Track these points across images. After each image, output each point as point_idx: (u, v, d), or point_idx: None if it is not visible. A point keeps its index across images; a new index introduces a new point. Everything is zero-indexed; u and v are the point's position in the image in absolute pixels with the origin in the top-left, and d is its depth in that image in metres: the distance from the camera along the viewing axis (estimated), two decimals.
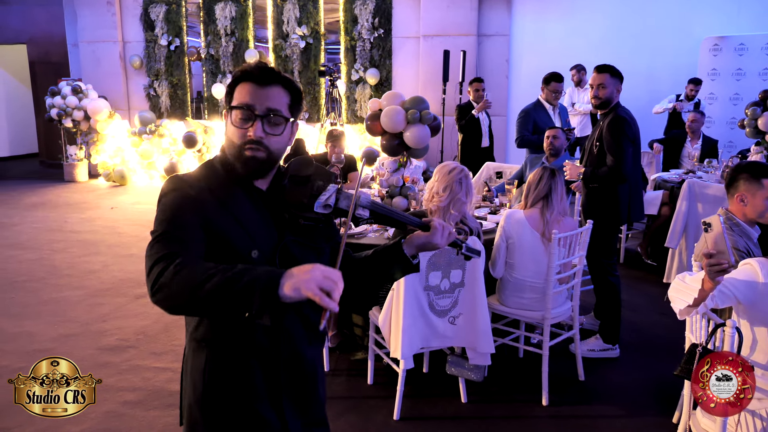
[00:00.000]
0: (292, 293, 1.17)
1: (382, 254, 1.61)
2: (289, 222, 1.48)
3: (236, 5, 9.44)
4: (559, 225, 3.18)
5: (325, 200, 1.44)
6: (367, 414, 3.15)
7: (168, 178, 1.48)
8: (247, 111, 1.43)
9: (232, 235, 1.41)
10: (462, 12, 8.74)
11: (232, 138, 1.45)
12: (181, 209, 1.40)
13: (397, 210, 1.60)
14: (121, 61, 10.03)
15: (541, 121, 5.25)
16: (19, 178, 10.37)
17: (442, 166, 3.10)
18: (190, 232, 1.38)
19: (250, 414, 1.50)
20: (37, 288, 4.98)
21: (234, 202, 1.45)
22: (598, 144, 3.63)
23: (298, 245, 1.49)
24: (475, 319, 3.01)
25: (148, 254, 1.34)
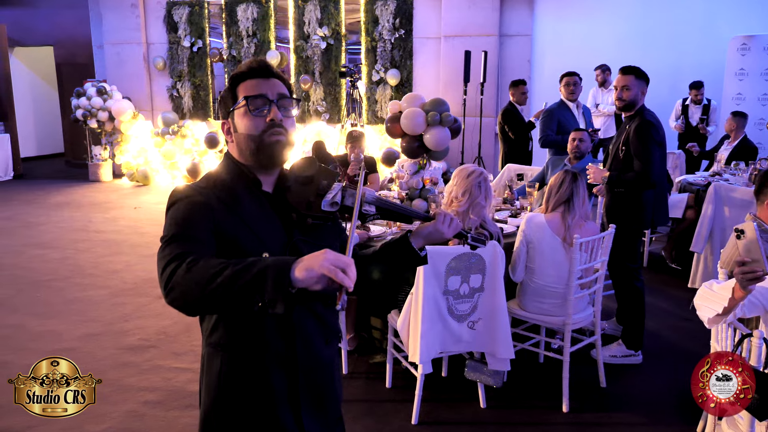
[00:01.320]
0: (304, 274, 1.16)
1: (389, 248, 1.63)
2: (297, 222, 1.49)
3: (258, 6, 9.49)
4: (581, 229, 3.14)
5: (332, 198, 1.46)
6: (385, 418, 3.14)
7: (173, 189, 1.50)
8: (262, 99, 1.47)
9: (242, 239, 1.42)
10: (483, 12, 8.68)
11: (249, 130, 1.47)
12: (191, 215, 1.41)
13: (402, 205, 1.64)
14: (144, 63, 10.15)
15: (565, 121, 5.21)
16: (45, 177, 10.55)
17: (460, 170, 3.08)
18: (201, 234, 1.39)
19: (266, 419, 1.50)
20: (61, 287, 5.06)
21: (241, 206, 1.46)
22: (624, 148, 3.57)
23: (307, 244, 1.49)
24: (495, 324, 2.98)
25: (160, 257, 1.35)
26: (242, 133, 1.48)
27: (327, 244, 1.50)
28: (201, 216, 1.41)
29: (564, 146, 4.84)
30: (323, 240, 1.52)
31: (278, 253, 1.43)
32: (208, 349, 1.54)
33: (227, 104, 1.53)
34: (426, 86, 9.03)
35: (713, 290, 2.10)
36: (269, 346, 1.47)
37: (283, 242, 1.47)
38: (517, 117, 6.19)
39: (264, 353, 1.46)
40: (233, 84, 1.52)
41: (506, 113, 6.20)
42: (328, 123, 9.38)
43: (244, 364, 1.48)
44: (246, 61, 1.53)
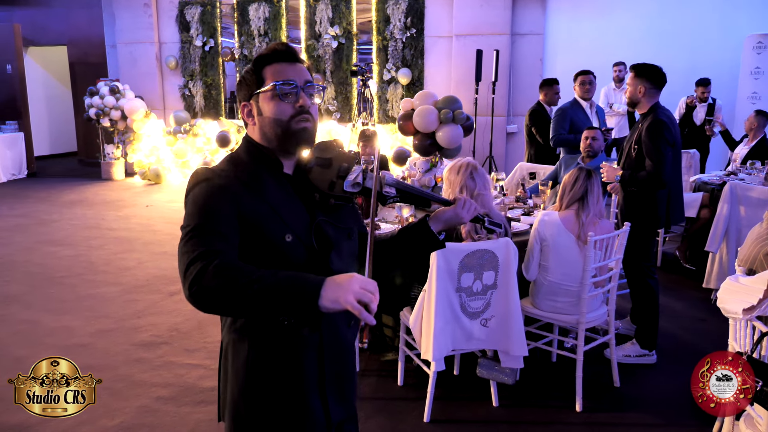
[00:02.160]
0: (331, 305, 1.21)
1: (408, 231, 1.64)
2: (320, 202, 1.49)
3: (270, 6, 9.52)
4: (595, 227, 3.11)
5: (354, 179, 1.47)
6: (397, 416, 3.13)
7: (194, 171, 1.48)
8: (291, 85, 1.46)
9: (266, 221, 1.41)
10: (495, 11, 8.65)
11: (276, 115, 1.45)
12: (212, 199, 1.39)
13: (421, 188, 1.65)
14: (157, 62, 10.20)
15: (578, 120, 5.15)
16: (58, 176, 10.63)
17: (448, 170, 3.05)
18: (224, 223, 1.37)
19: (295, 403, 1.49)
20: (75, 284, 5.09)
21: (263, 188, 1.45)
22: (636, 147, 3.54)
23: (330, 225, 1.50)
24: (509, 321, 2.96)
25: (183, 250, 1.33)
26: (268, 117, 1.46)
27: (348, 226, 1.56)
28: (224, 202, 1.39)
29: (576, 145, 4.79)
30: (344, 221, 1.55)
31: (302, 234, 1.44)
32: (232, 336, 1.52)
33: (250, 86, 1.50)
34: (437, 85, 9.01)
35: (743, 283, 2.08)
36: (295, 330, 1.46)
37: (307, 223, 1.46)
38: (545, 118, 5.92)
39: (291, 337, 1.46)
40: (258, 66, 1.49)
41: (534, 114, 5.90)
42: (339, 122, 9.39)
43: (271, 349, 1.47)
44: (271, 44, 1.51)
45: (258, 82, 1.48)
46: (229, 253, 1.34)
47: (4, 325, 4.23)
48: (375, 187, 1.44)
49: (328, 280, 1.24)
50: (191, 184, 1.44)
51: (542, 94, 5.97)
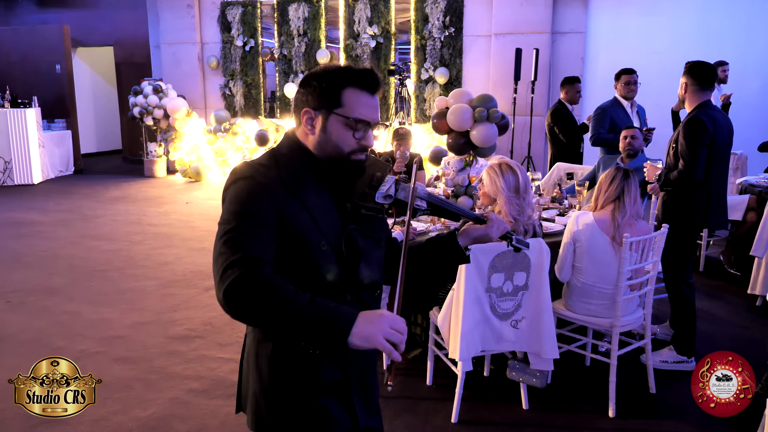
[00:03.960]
0: (360, 343, 1.25)
1: (436, 244, 1.65)
2: (351, 212, 1.49)
3: (309, 6, 9.59)
4: (632, 229, 3.02)
5: (386, 191, 1.47)
6: (425, 416, 3.11)
7: (235, 167, 1.46)
8: (367, 123, 1.46)
9: (303, 228, 1.40)
10: (535, 9, 8.52)
11: (340, 143, 1.45)
12: (253, 199, 1.37)
13: (453, 203, 1.65)
14: (199, 62, 10.40)
15: (618, 120, 5.04)
16: (103, 173, 10.96)
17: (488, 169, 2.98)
18: (264, 227, 1.36)
19: (319, 406, 1.49)
20: (115, 277, 5.23)
21: (305, 192, 1.43)
22: (674, 146, 3.43)
23: (360, 234, 1.50)
24: (540, 323, 2.90)
25: (221, 250, 1.32)
26: (332, 140, 1.45)
27: (378, 235, 1.57)
28: (265, 203, 1.37)
29: (616, 145, 4.68)
30: (374, 231, 1.55)
31: (334, 243, 1.44)
32: (256, 333, 1.53)
33: (325, 100, 1.44)
34: (476, 84, 8.93)
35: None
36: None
37: (339, 231, 1.46)
38: (568, 117, 5.91)
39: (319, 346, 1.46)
40: (339, 83, 1.44)
41: (556, 112, 5.90)
42: None
43: (296, 352, 1.47)
44: (359, 66, 1.48)
45: (334, 100, 1.43)
46: (267, 261, 1.33)
47: (46, 316, 4.37)
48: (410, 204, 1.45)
49: (360, 317, 1.26)
50: (232, 179, 1.43)
51: (563, 92, 5.95)
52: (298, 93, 1.49)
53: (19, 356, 3.73)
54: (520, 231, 2.88)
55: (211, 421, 3.06)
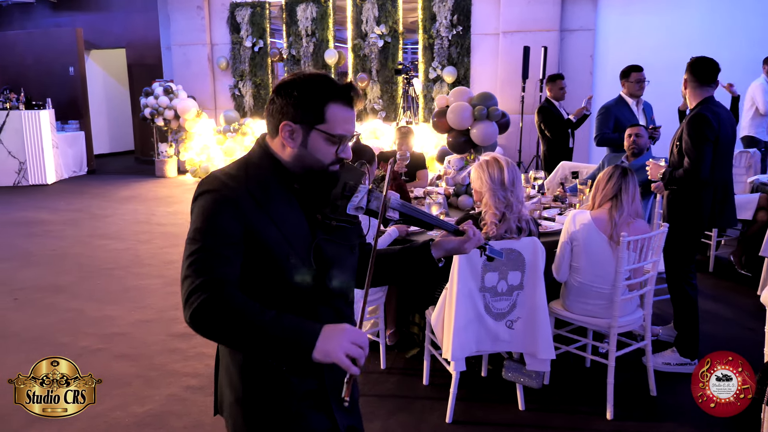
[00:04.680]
0: (322, 359, 1.26)
1: (409, 253, 1.65)
2: (321, 222, 1.47)
3: (317, 6, 9.61)
4: (629, 227, 2.98)
5: (357, 202, 1.46)
6: (420, 415, 3.09)
7: (204, 177, 1.45)
8: (347, 137, 1.46)
9: (271, 241, 1.39)
10: (544, 7, 8.47)
11: (319, 158, 1.44)
12: (218, 215, 1.36)
13: (427, 212, 1.63)
14: (209, 63, 10.47)
15: (623, 118, 4.96)
16: (115, 173, 11.07)
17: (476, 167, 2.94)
18: (228, 246, 1.35)
19: (295, 413, 1.49)
20: (121, 275, 5.27)
21: (272, 204, 1.42)
22: (678, 144, 3.38)
23: (330, 243, 1.49)
24: (535, 323, 2.88)
25: (185, 273, 1.33)
26: (311, 154, 1.43)
27: (350, 242, 1.57)
28: (230, 218, 1.36)
29: (621, 144, 4.62)
30: (346, 239, 1.54)
31: (303, 254, 1.44)
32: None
33: (306, 115, 1.41)
34: (483, 83, 8.89)
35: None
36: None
37: (308, 242, 1.45)
38: (554, 114, 5.94)
39: None
40: (322, 99, 1.41)
41: (542, 110, 5.94)
42: (384, 121, 9.39)
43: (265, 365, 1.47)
44: (339, 81, 1.45)
45: (317, 115, 1.41)
46: (232, 279, 1.34)
47: (52, 313, 4.42)
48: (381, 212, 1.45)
49: (322, 333, 1.27)
50: (200, 191, 1.42)
51: (548, 90, 6.01)
52: (275, 101, 1.44)
53: (22, 353, 3.78)
54: (512, 228, 2.85)
55: (205, 418, 3.06)
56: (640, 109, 5.11)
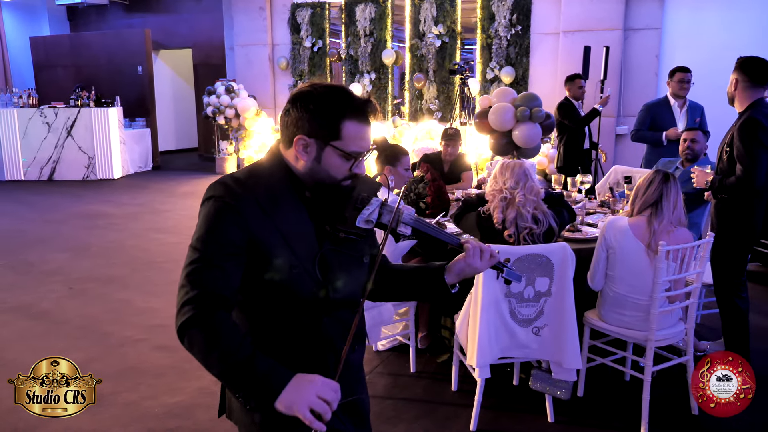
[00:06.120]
0: (285, 411, 1.25)
1: (422, 275, 1.59)
2: (330, 233, 1.43)
3: (376, 6, 9.64)
4: (669, 236, 2.81)
5: (368, 215, 1.41)
6: (444, 421, 3.03)
7: (212, 183, 1.43)
8: (362, 154, 1.42)
9: (275, 251, 1.38)
10: (607, 5, 8.16)
11: (334, 172, 1.41)
12: (221, 223, 1.35)
13: (439, 229, 1.54)
14: (269, 63, 10.69)
15: (659, 118, 5.00)
16: (178, 169, 11.48)
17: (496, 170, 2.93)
18: (228, 257, 1.34)
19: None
20: (170, 269, 5.45)
21: (279, 213, 1.40)
22: (728, 150, 3.17)
23: (337, 254, 1.46)
24: (562, 331, 2.76)
25: (183, 281, 1.35)
26: (325, 169, 1.41)
27: (359, 254, 1.52)
28: (233, 226, 1.35)
29: (654, 143, 4.77)
30: (355, 250, 1.50)
31: (308, 265, 1.41)
32: None
33: (321, 130, 1.38)
34: (542, 84, 8.67)
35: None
36: (300, 359, 1.44)
37: (315, 252, 1.42)
38: (574, 111, 5.95)
39: (295, 365, 1.38)
40: (337, 114, 1.38)
41: (562, 107, 5.94)
42: (440, 122, 9.30)
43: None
44: (357, 97, 1.41)
45: (333, 131, 1.38)
46: (228, 295, 1.34)
47: (101, 303, 4.62)
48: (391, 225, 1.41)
49: (291, 383, 1.26)
50: (205, 197, 1.42)
51: (567, 89, 6.06)
52: (290, 113, 1.41)
53: (70, 340, 3.97)
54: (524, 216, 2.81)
55: None
56: (684, 111, 5.05)
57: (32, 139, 10.00)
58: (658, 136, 4.98)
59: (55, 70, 11.46)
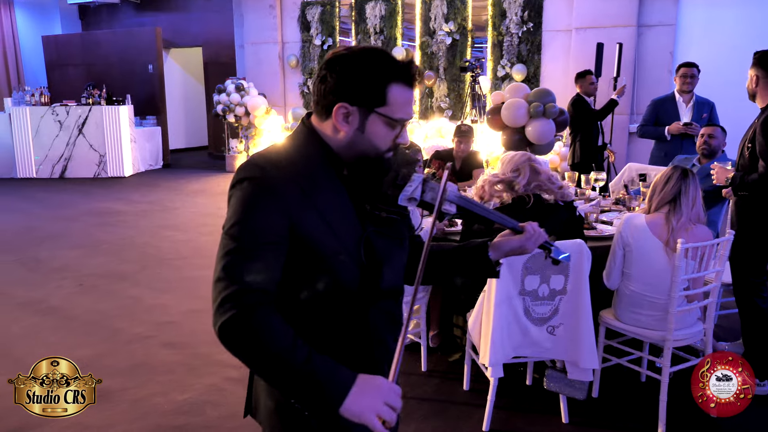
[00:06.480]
0: (351, 417, 1.15)
1: (464, 253, 1.49)
2: (370, 213, 1.33)
3: (386, 4, 9.59)
4: (688, 233, 2.75)
5: (411, 192, 1.30)
6: (456, 421, 2.99)
7: (243, 164, 1.28)
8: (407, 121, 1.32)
9: (318, 238, 1.25)
10: (620, 2, 8.07)
11: (377, 144, 1.30)
12: (259, 208, 1.21)
13: (485, 207, 1.44)
14: (279, 61, 10.68)
15: (663, 113, 5.06)
16: (189, 167, 11.49)
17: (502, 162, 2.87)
18: (269, 246, 1.21)
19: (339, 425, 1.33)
20: (180, 266, 5.44)
21: (320, 194, 1.27)
22: (750, 146, 3.09)
23: (380, 236, 1.34)
24: (578, 331, 2.71)
25: (219, 274, 1.19)
26: (369, 139, 1.29)
27: (400, 236, 1.41)
28: (273, 212, 1.21)
29: (658, 138, 4.94)
30: (396, 232, 1.39)
31: (353, 249, 1.29)
32: None
33: (366, 95, 1.26)
34: (554, 81, 8.59)
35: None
36: (346, 352, 1.33)
37: (358, 235, 1.30)
38: (587, 107, 5.91)
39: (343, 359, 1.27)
40: (384, 78, 1.26)
41: (576, 103, 5.90)
42: (450, 120, 9.25)
43: None
44: (403, 58, 1.30)
45: (378, 97, 1.27)
46: (270, 289, 1.20)
47: (112, 299, 4.61)
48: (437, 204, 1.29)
49: (355, 386, 1.15)
50: (239, 177, 1.25)
51: (578, 86, 6.04)
52: (327, 78, 1.27)
53: (81, 336, 3.96)
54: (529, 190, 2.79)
55: (241, 410, 3.06)
56: (689, 106, 5.07)
57: (44, 137, 10.04)
58: (661, 131, 5.03)
59: (66, 68, 11.51)
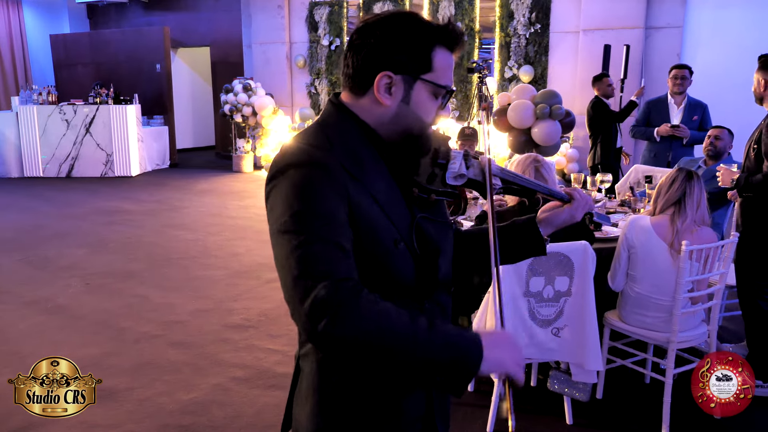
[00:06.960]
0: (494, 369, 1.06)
1: (512, 231, 1.38)
2: (417, 197, 1.22)
3: (394, 4, 9.62)
4: (693, 235, 2.75)
5: (457, 170, 1.22)
6: (461, 422, 2.99)
7: (281, 153, 1.15)
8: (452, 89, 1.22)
9: (377, 223, 1.12)
10: (628, 3, 8.06)
11: (422, 116, 1.17)
12: (319, 192, 1.07)
13: (529, 179, 1.38)
14: (287, 61, 10.71)
15: (653, 115, 5.16)
16: (196, 167, 11.54)
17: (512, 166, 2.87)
18: (341, 230, 1.07)
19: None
20: (187, 265, 5.47)
21: (367, 177, 1.14)
22: (756, 147, 3.09)
23: (429, 222, 1.23)
24: (583, 332, 2.71)
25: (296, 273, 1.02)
26: (414, 111, 1.16)
27: (446, 219, 1.30)
28: (334, 195, 1.08)
29: (648, 138, 5.06)
30: (442, 215, 1.29)
31: (406, 236, 1.17)
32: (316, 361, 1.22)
33: (412, 62, 1.14)
34: (561, 83, 8.59)
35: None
36: None
37: (408, 221, 1.18)
38: (607, 107, 5.97)
39: None
40: (429, 41, 1.14)
41: (595, 105, 5.93)
42: (457, 121, 9.25)
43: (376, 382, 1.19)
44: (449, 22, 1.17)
45: (424, 62, 1.14)
46: (357, 277, 1.06)
47: (118, 298, 4.64)
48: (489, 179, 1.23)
49: (483, 338, 1.05)
50: (283, 165, 1.11)
51: (596, 89, 6.07)
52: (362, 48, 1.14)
53: (87, 335, 3.99)
54: None
55: (247, 410, 3.10)
56: (681, 108, 5.14)
57: (51, 136, 10.11)
58: (651, 132, 5.10)
59: (74, 67, 11.59)
